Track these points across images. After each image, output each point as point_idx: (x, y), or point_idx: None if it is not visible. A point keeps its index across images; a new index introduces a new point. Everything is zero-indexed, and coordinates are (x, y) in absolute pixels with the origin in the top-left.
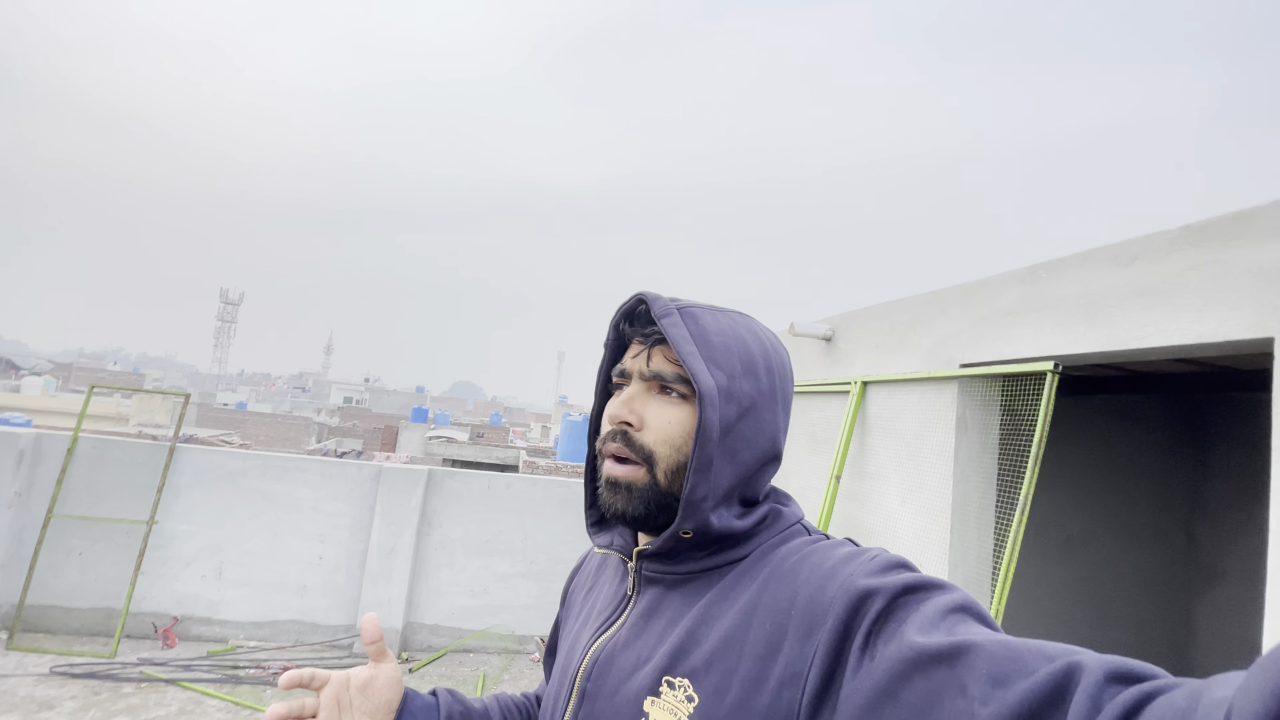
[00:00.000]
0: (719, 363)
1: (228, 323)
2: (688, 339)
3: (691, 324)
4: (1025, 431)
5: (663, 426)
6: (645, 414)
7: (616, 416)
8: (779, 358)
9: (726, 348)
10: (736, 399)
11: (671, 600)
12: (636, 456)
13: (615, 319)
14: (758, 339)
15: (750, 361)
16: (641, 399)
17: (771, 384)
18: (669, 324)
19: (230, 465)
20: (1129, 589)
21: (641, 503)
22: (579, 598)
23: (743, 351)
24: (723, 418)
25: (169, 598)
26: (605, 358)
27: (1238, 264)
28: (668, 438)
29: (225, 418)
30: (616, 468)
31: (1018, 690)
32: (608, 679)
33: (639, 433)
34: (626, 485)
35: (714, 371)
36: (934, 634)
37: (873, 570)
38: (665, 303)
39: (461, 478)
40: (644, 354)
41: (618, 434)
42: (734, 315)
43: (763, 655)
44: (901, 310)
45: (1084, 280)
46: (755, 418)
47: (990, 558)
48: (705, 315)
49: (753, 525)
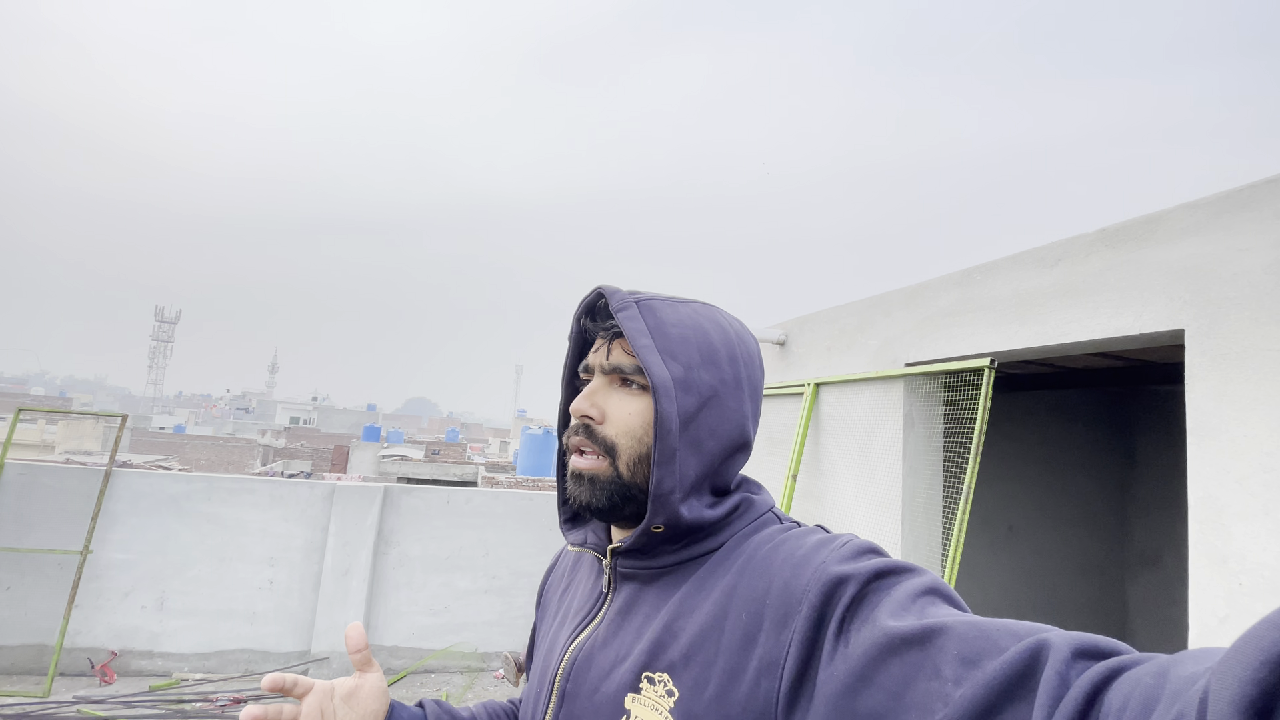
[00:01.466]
0: (675, 354)
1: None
2: (643, 332)
3: (649, 316)
4: (967, 425)
5: (623, 419)
6: (606, 407)
7: (578, 410)
8: (744, 346)
9: (684, 339)
10: (695, 389)
11: (647, 595)
12: (599, 449)
13: (577, 313)
14: (720, 328)
15: (710, 351)
16: (603, 393)
17: (736, 373)
18: (625, 317)
19: (172, 489)
20: (1069, 574)
21: (605, 494)
22: (554, 597)
23: (702, 342)
24: (681, 409)
25: (106, 631)
26: (570, 352)
27: (1150, 263)
28: (628, 429)
29: (162, 442)
30: (580, 460)
31: (988, 669)
32: (587, 678)
33: (601, 426)
34: (590, 477)
35: (669, 363)
36: (906, 617)
37: (844, 556)
38: (623, 296)
39: (420, 494)
40: (604, 348)
41: (580, 428)
42: (696, 306)
43: (740, 646)
44: (850, 314)
45: (1015, 281)
46: (719, 407)
47: (940, 546)
48: (664, 307)
49: (724, 515)
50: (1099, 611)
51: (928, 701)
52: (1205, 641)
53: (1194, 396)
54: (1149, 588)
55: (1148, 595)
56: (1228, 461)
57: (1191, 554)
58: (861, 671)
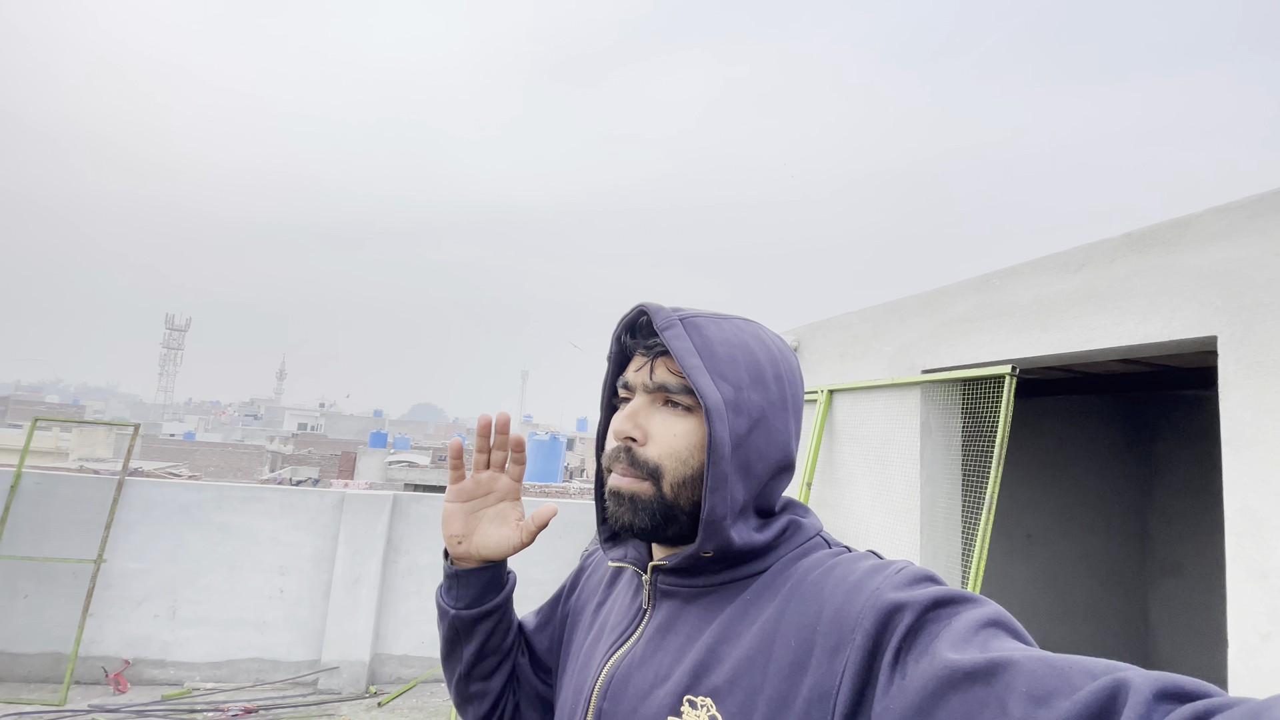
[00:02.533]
0: (725, 374)
1: (174, 349)
2: (691, 351)
3: (695, 335)
4: (986, 433)
5: (668, 440)
6: (650, 427)
7: (621, 432)
8: (788, 364)
9: (733, 358)
10: (746, 411)
11: (688, 615)
12: (641, 473)
13: (617, 331)
14: (765, 346)
15: (758, 371)
16: (645, 412)
17: (781, 392)
18: (671, 336)
19: (184, 498)
20: (1089, 583)
21: (647, 515)
22: (589, 609)
23: (749, 361)
24: (733, 431)
25: (119, 640)
26: (609, 371)
27: (1179, 268)
28: (673, 450)
29: (172, 449)
30: (622, 480)
31: (1060, 709)
32: (625, 697)
33: (643, 447)
34: (630, 496)
35: (720, 384)
36: (968, 650)
37: (900, 584)
38: (668, 314)
39: (428, 502)
40: (647, 366)
41: (622, 451)
42: (739, 323)
43: (789, 673)
44: (864, 320)
45: (1036, 287)
46: (766, 428)
47: (960, 556)
48: (709, 325)
49: (773, 538)
50: (1120, 621)
51: None
52: (1248, 659)
53: (1229, 405)
54: (1171, 597)
55: (1170, 605)
56: (1267, 472)
57: (1229, 569)
58: (920, 705)
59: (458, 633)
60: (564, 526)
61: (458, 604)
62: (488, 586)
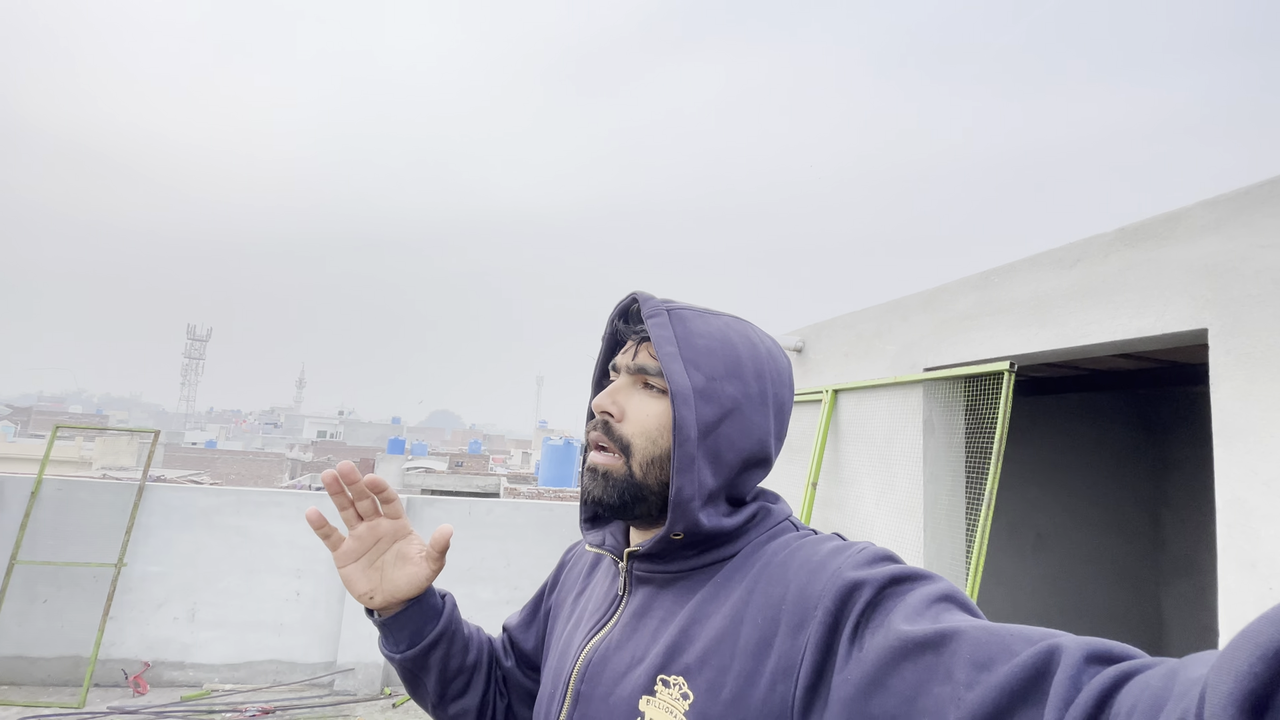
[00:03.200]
0: (699, 364)
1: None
2: (670, 340)
3: (678, 325)
4: (988, 430)
5: (640, 419)
6: (627, 406)
7: (599, 406)
8: (773, 363)
9: (710, 350)
10: (717, 400)
11: (663, 599)
12: (615, 446)
13: (612, 315)
14: (750, 344)
15: (735, 365)
16: (625, 392)
17: (761, 388)
18: (654, 324)
19: (202, 502)
20: (1101, 582)
21: (616, 491)
22: (569, 598)
23: (728, 355)
24: (700, 418)
25: (139, 642)
26: (601, 351)
27: (1170, 261)
28: (644, 429)
29: (194, 457)
30: (596, 455)
31: (1000, 672)
32: (601, 680)
33: (619, 424)
34: (604, 473)
35: (692, 372)
36: (920, 622)
37: (860, 563)
38: (656, 303)
39: (441, 504)
40: (632, 349)
41: (600, 424)
42: (728, 320)
43: (755, 650)
44: (867, 319)
45: (1033, 283)
46: (740, 420)
47: (963, 552)
48: (694, 318)
49: (742, 523)
50: (1133, 620)
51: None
52: None
53: (1219, 397)
54: (1185, 595)
55: (1184, 603)
56: (1255, 463)
57: (1220, 558)
58: (875, 675)
59: (412, 673)
60: (576, 530)
61: (398, 648)
62: (422, 621)
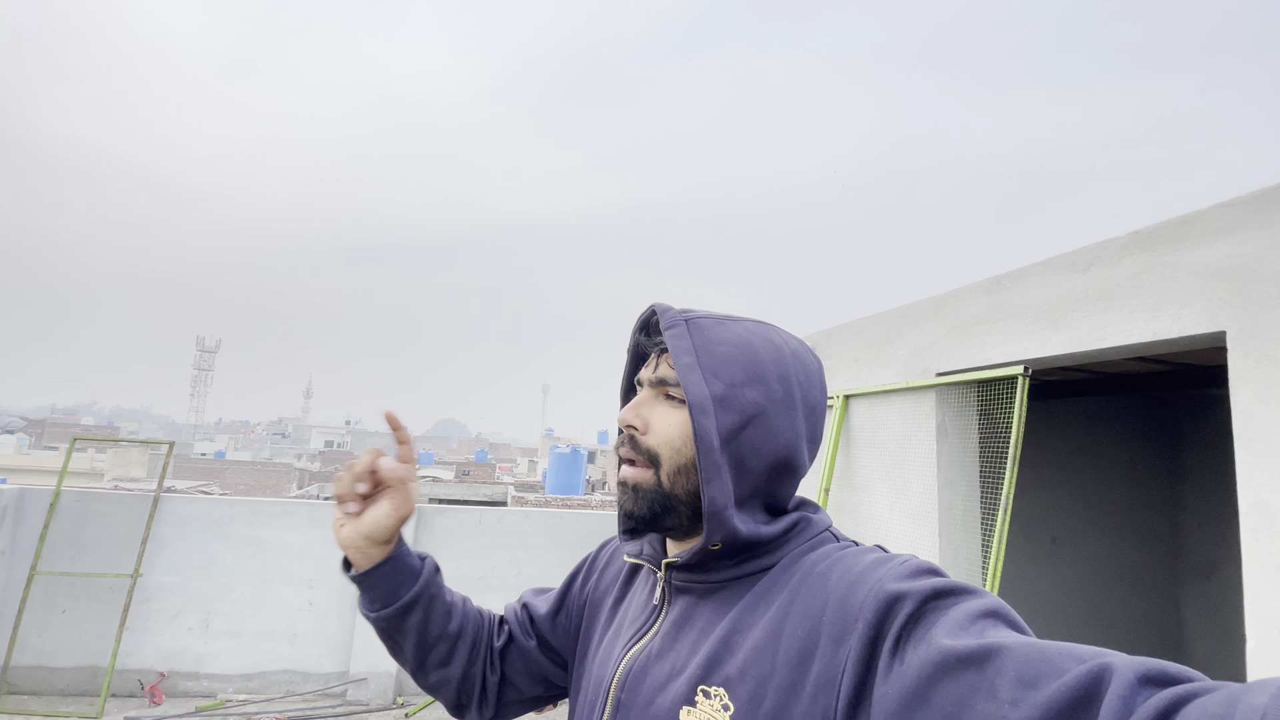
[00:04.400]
0: (718, 372)
1: (205, 371)
2: (687, 350)
3: (696, 335)
4: (1002, 434)
5: (664, 429)
6: (650, 418)
7: (624, 421)
8: (799, 365)
9: (729, 357)
10: (738, 407)
11: (703, 610)
12: (642, 458)
13: (634, 329)
14: (773, 347)
15: (757, 369)
16: (649, 404)
17: (787, 391)
18: (672, 335)
19: (216, 512)
20: (1119, 586)
21: (646, 503)
22: (606, 605)
23: (748, 360)
24: (722, 425)
25: (155, 653)
26: (626, 365)
27: (1185, 265)
28: (668, 440)
29: (203, 468)
30: (626, 470)
31: (1047, 691)
32: (642, 689)
33: (644, 436)
34: (634, 485)
35: (710, 380)
36: (964, 637)
37: (902, 575)
38: (673, 314)
39: (452, 514)
40: (654, 362)
41: (627, 438)
42: (749, 324)
43: (797, 662)
44: (877, 325)
45: (1046, 287)
46: (764, 426)
47: (979, 559)
48: (713, 326)
49: (781, 532)
50: (1151, 625)
51: None
52: (1266, 654)
53: (1239, 399)
54: (1205, 600)
55: (1204, 608)
56: (1279, 465)
57: (1245, 563)
58: (917, 690)
59: (389, 634)
60: (585, 538)
61: (373, 607)
62: (398, 579)
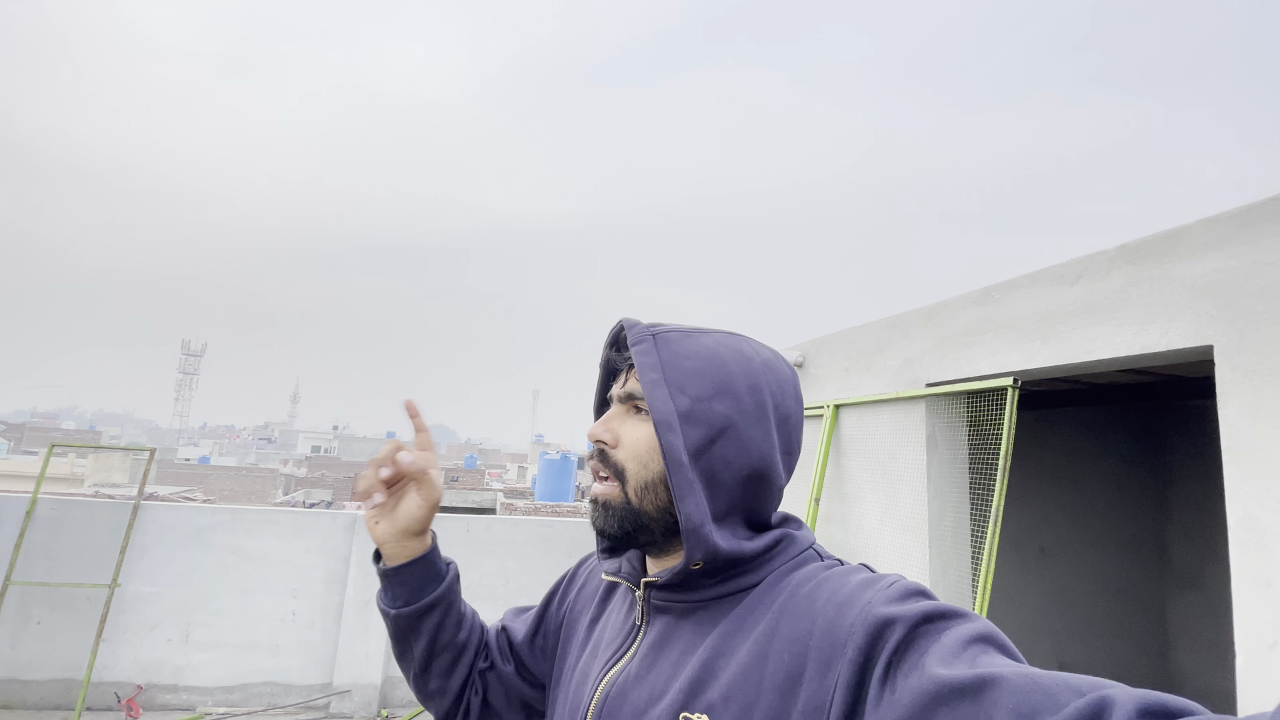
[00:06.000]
0: (684, 387)
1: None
2: (654, 366)
3: (663, 349)
4: (992, 445)
5: (632, 443)
6: (620, 433)
7: (593, 435)
8: (772, 375)
9: (696, 371)
10: (705, 421)
11: (683, 630)
12: (611, 473)
13: (605, 344)
14: (742, 358)
15: (725, 382)
16: (618, 419)
17: (758, 402)
18: (638, 352)
19: (198, 521)
20: (1106, 597)
21: (616, 520)
22: (583, 623)
23: (717, 373)
24: (689, 441)
25: (133, 665)
26: (599, 380)
27: (1173, 278)
28: (636, 454)
29: (187, 473)
30: (597, 486)
31: None
32: (621, 714)
33: (614, 450)
34: (604, 503)
35: (676, 396)
36: (956, 665)
37: (891, 598)
38: (641, 330)
39: (439, 522)
40: (623, 377)
41: (596, 452)
42: (719, 336)
43: (782, 688)
44: (867, 335)
45: (1035, 300)
46: (735, 439)
47: (969, 569)
48: (680, 340)
49: (764, 549)
50: (1138, 635)
51: None
52: (1256, 669)
53: (1227, 413)
54: (1190, 610)
55: (1189, 618)
56: (1267, 480)
57: (1234, 578)
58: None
59: (403, 632)
60: (575, 546)
61: (395, 603)
62: (424, 580)
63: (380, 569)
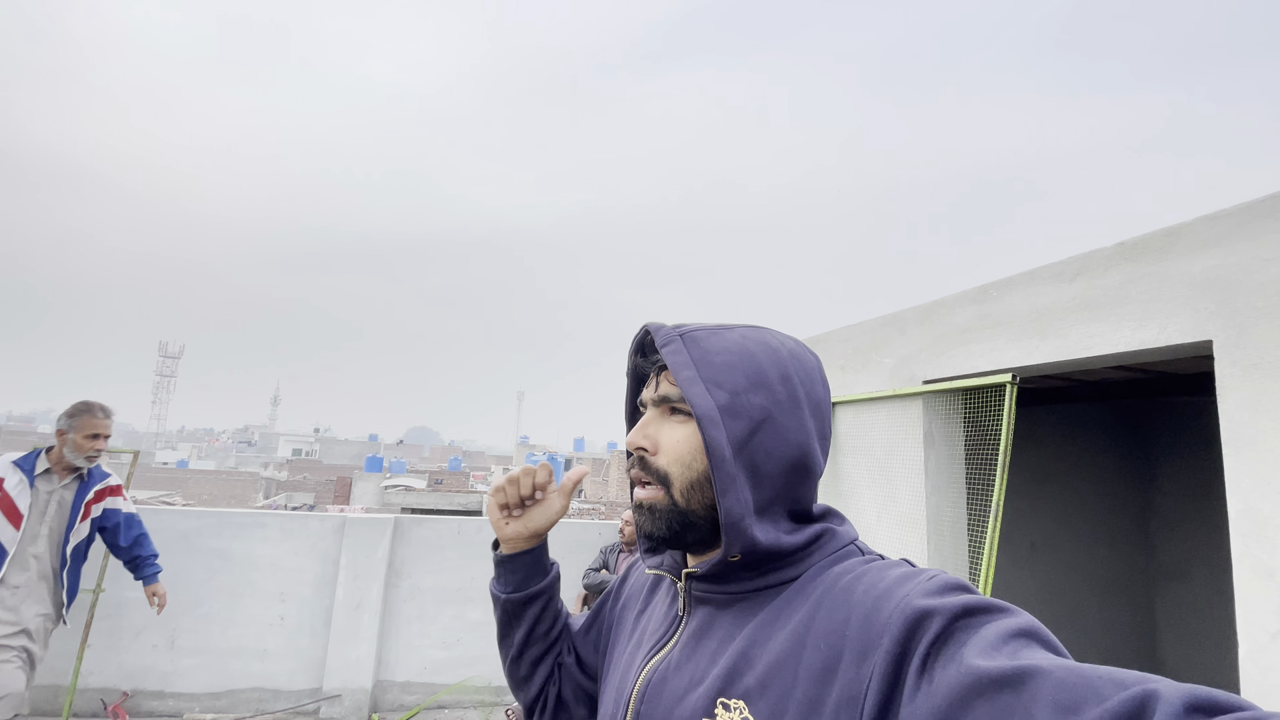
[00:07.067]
0: (720, 382)
1: (167, 377)
2: (686, 364)
3: (693, 348)
4: (989, 442)
5: (673, 446)
6: (658, 438)
7: (632, 443)
8: (800, 364)
9: (729, 365)
10: (745, 414)
11: (723, 620)
12: (653, 479)
13: (630, 351)
14: (770, 349)
15: (758, 374)
16: (655, 424)
17: (791, 392)
18: (668, 352)
19: (183, 525)
20: (1094, 590)
21: (664, 522)
22: (630, 616)
23: (749, 366)
24: (732, 435)
25: (118, 671)
26: (628, 388)
27: (1172, 275)
28: (678, 456)
29: (165, 477)
30: (640, 491)
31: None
32: (661, 700)
33: (654, 456)
34: (649, 507)
35: (714, 391)
36: (997, 658)
37: (930, 591)
38: (667, 331)
39: (430, 524)
40: (654, 382)
41: (636, 460)
42: (744, 330)
43: (819, 677)
44: (863, 332)
45: (1033, 297)
46: (773, 429)
47: (967, 565)
48: (708, 337)
49: (804, 543)
50: (1126, 627)
51: None
52: (1258, 658)
53: (1227, 408)
54: (1177, 602)
55: (1176, 610)
56: (1268, 473)
57: (1236, 569)
58: (947, 712)
59: (510, 616)
60: (566, 548)
61: (505, 588)
62: (532, 571)
63: (497, 556)
